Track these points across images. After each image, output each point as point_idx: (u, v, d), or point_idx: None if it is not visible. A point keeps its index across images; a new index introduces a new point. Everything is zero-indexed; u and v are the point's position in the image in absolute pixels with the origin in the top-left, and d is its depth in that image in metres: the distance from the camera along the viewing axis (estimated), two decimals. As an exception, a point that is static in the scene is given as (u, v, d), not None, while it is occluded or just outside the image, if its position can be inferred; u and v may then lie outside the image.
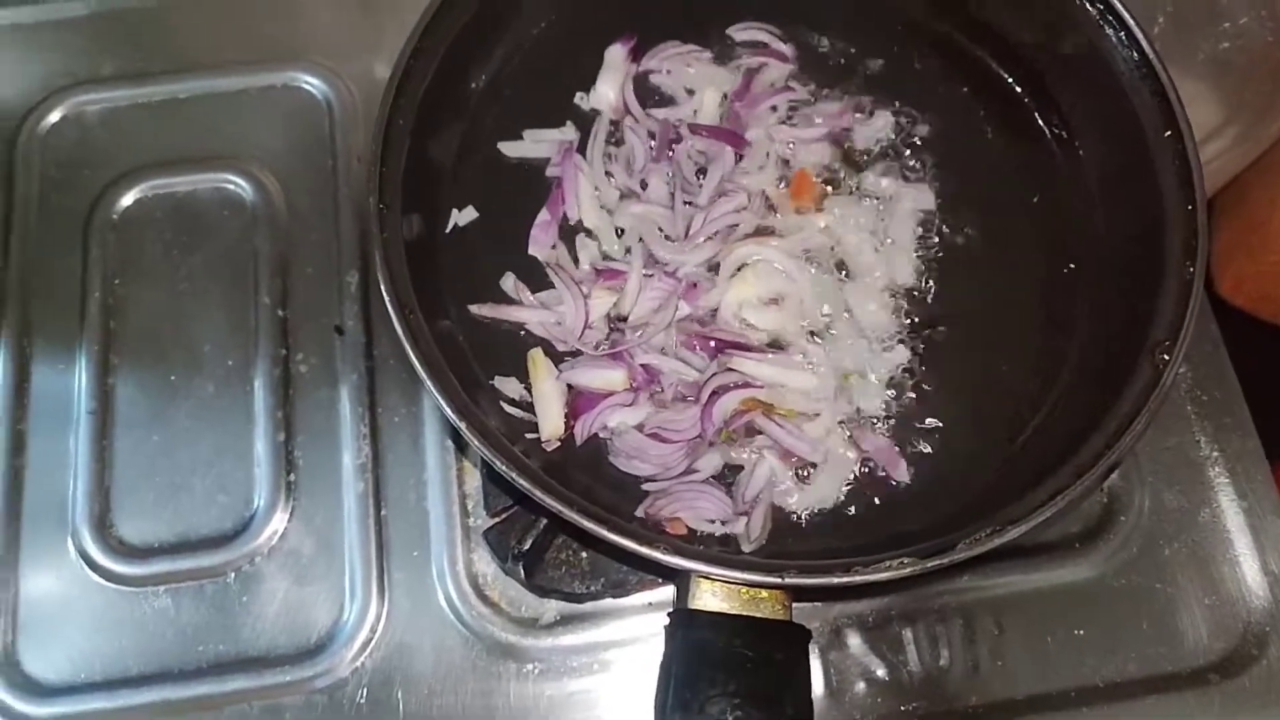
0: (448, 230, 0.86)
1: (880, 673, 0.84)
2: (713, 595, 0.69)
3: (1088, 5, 0.81)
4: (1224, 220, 1.20)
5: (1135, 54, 0.79)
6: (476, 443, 0.69)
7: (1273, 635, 0.85)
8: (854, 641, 0.85)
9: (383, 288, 0.73)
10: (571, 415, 0.80)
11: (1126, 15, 0.79)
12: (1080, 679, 0.84)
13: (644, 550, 0.66)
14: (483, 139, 0.90)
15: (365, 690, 0.84)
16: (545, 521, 0.79)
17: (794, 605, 0.69)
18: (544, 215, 0.87)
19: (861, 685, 0.84)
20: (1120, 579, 0.87)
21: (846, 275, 0.86)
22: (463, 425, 0.69)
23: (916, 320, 0.84)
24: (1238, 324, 1.20)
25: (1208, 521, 0.88)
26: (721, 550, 0.74)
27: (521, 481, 0.68)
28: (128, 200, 1.02)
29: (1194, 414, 0.91)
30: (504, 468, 0.68)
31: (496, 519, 0.84)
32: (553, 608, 0.86)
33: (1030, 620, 0.86)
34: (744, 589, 0.68)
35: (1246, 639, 0.85)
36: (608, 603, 0.85)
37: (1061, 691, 0.84)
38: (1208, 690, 0.83)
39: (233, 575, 0.88)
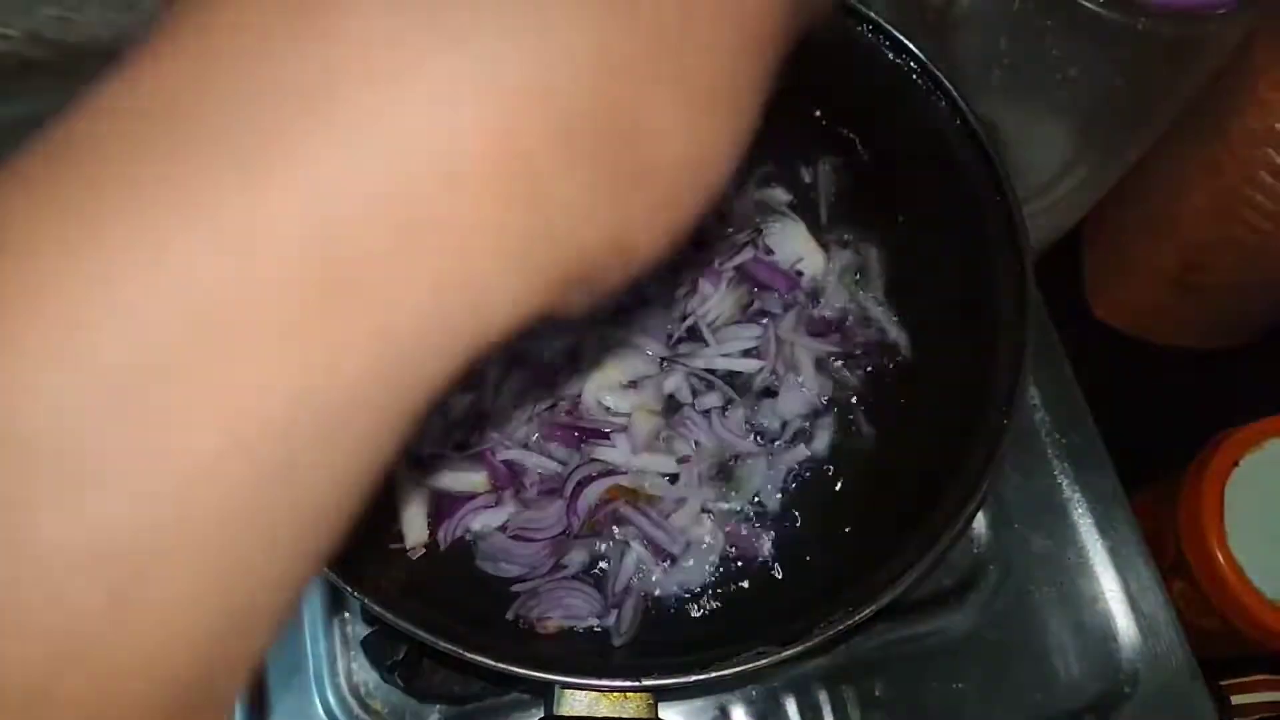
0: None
1: (766, 747, 0.85)
2: (578, 700, 0.69)
3: (914, 78, 0.82)
4: (1090, 250, 1.24)
5: (959, 121, 0.81)
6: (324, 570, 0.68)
7: (1143, 671, 0.87)
8: (738, 715, 0.85)
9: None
10: (435, 520, 0.80)
11: (946, 81, 0.81)
12: (961, 732, 0.86)
13: (502, 667, 0.66)
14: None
15: (245, 815, 0.83)
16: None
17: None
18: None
19: (748, 761, 0.85)
20: (994, 627, 0.89)
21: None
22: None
23: (777, 393, 0.85)
24: (1118, 343, 1.24)
25: (1075, 563, 0.91)
26: (588, 651, 0.74)
27: (375, 608, 0.67)
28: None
29: (1054, 457, 0.93)
30: (355, 595, 0.67)
31: (373, 626, 0.84)
32: (437, 711, 0.85)
33: (911, 678, 0.87)
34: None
35: (1119, 677, 0.87)
36: (490, 700, 0.85)
37: (943, 748, 0.85)
38: (1084, 731, 0.86)
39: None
